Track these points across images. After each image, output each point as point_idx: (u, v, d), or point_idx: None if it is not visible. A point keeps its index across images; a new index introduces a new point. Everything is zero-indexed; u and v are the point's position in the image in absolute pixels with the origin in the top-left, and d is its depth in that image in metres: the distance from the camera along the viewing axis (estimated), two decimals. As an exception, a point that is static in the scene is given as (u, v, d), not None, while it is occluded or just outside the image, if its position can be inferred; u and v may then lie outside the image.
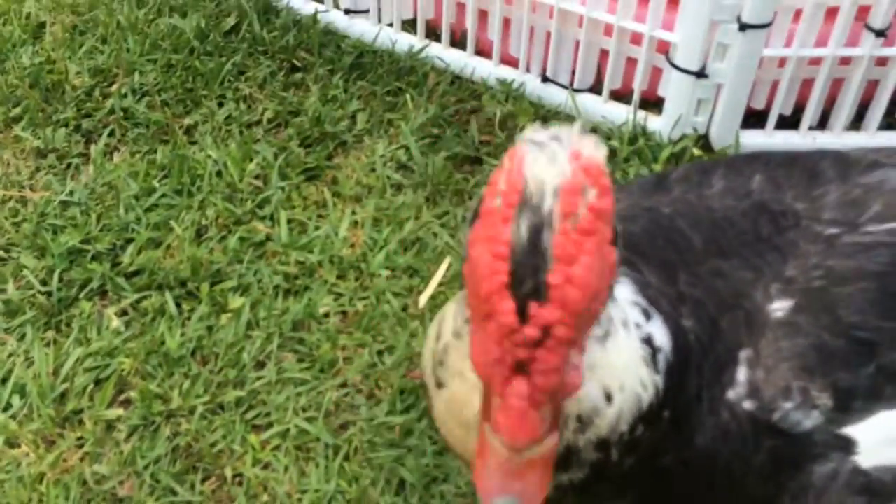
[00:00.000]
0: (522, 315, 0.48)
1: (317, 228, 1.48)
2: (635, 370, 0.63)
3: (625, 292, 0.65)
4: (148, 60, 1.84)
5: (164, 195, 1.54)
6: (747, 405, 0.69)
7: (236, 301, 1.35)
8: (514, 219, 0.49)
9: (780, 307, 0.72)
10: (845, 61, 1.50)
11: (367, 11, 1.88)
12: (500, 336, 0.49)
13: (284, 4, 1.95)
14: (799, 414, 0.69)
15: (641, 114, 1.63)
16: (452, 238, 1.45)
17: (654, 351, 0.64)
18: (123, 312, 1.36)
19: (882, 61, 1.49)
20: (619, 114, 1.64)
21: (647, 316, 0.66)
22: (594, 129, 1.63)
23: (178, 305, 1.36)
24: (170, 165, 1.59)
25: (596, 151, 0.53)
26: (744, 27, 1.42)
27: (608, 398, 0.62)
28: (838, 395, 0.70)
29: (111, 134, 1.69)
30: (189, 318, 1.34)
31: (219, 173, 1.58)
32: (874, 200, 0.79)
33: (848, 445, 0.71)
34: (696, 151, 1.57)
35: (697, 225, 0.79)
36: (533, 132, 0.54)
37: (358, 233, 1.47)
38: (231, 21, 1.93)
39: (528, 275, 0.48)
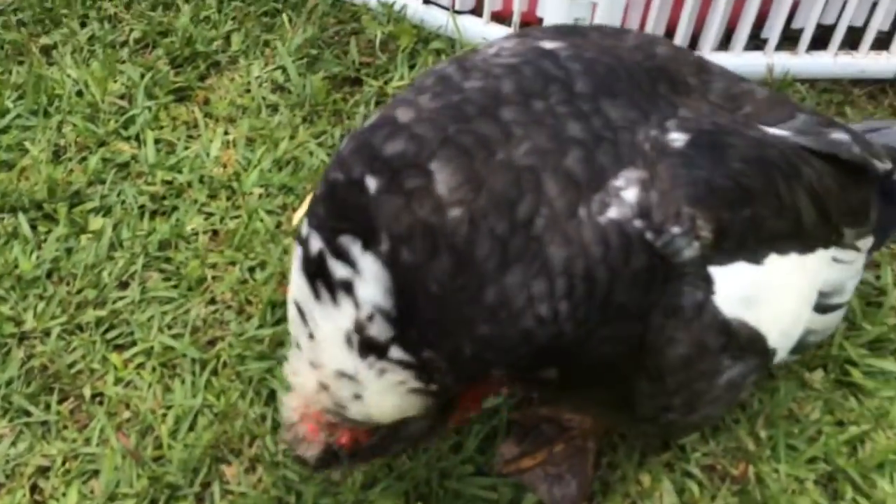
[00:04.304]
0: None
1: (186, 148, 1.42)
2: (399, 406, 0.73)
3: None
4: (1, -22, 1.71)
5: (18, 115, 1.44)
6: (637, 224, 0.70)
7: (97, 222, 1.29)
8: None
9: (678, 138, 0.75)
10: (713, -19, 1.53)
11: (241, -70, 1.79)
12: None
13: (153, -78, 1.84)
14: (683, 241, 0.71)
15: (521, 35, 1.63)
16: (329, 157, 1.42)
17: (375, 344, 0.70)
18: (-28, 236, 1.28)
19: (747, -19, 1.53)
20: (500, 35, 1.63)
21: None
22: (475, 51, 1.62)
23: (33, 228, 1.28)
24: (25, 86, 1.48)
25: None
26: (615, -58, 1.43)
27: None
28: (719, 230, 0.73)
29: (-41, 54, 1.56)
30: (45, 240, 1.27)
31: (79, 93, 1.49)
32: (746, 103, 0.85)
33: (711, 285, 0.74)
34: (574, 72, 1.58)
35: (592, 69, 0.78)
36: None
37: (230, 153, 1.42)
38: (94, -61, 1.81)
39: None
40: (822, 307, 0.90)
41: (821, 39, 1.60)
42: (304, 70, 1.57)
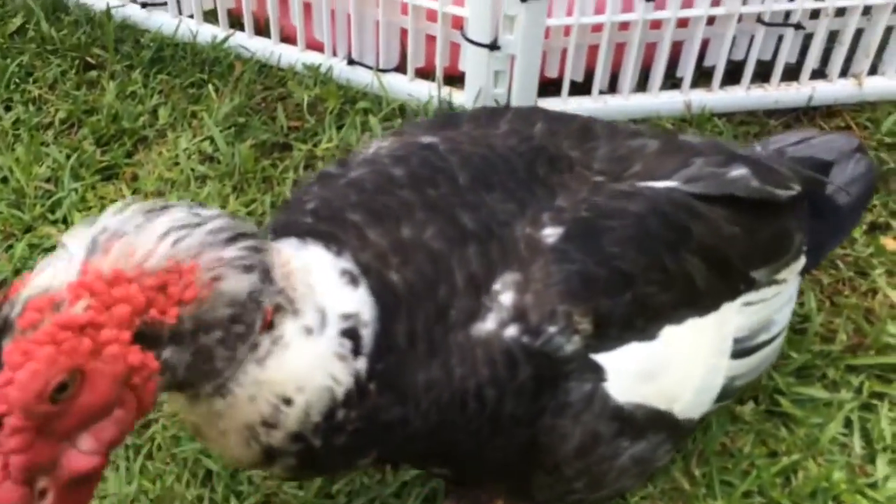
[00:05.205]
0: None
1: (115, 227, 1.42)
2: (322, 370, 0.65)
3: (328, 270, 0.68)
4: (-78, 67, 1.70)
5: (-58, 207, 1.43)
6: (511, 331, 0.71)
7: (26, 310, 1.27)
8: None
9: (551, 233, 0.76)
10: (624, 27, 1.59)
11: (165, 4, 1.82)
12: None
13: (75, 1, 1.86)
14: (562, 338, 0.72)
15: (446, 90, 1.66)
16: (260, 226, 1.43)
17: (357, 339, 0.67)
18: None
19: (657, 24, 1.59)
20: (425, 91, 1.67)
21: (355, 284, 0.68)
22: (402, 108, 1.65)
23: (-41, 321, 1.26)
24: (-52, 176, 1.48)
25: (131, 254, 0.57)
26: (524, -2, 1.47)
27: (286, 402, 0.65)
28: (598, 320, 0.74)
29: None
30: (-28, 334, 1.25)
31: (4, 180, 1.49)
32: (635, 161, 0.86)
33: (601, 371, 0.75)
34: (499, 122, 1.62)
35: (469, 162, 0.81)
36: (85, 226, 0.58)
37: (160, 228, 1.42)
38: (17, 22, 1.82)
39: None
40: (743, 351, 0.90)
41: (736, 73, 1.67)
42: (232, 139, 1.59)
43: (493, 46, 1.56)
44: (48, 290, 0.55)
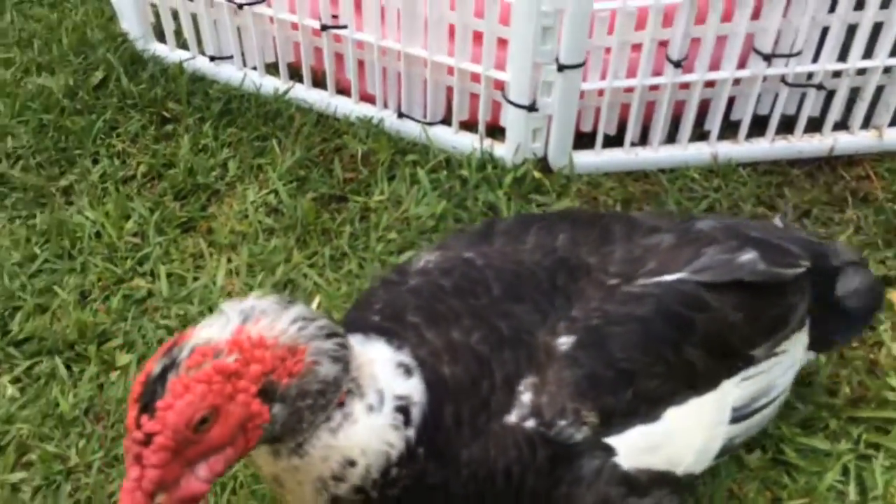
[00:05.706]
0: (139, 422, 0.72)
1: (195, 280, 1.60)
2: (380, 438, 0.82)
3: (387, 362, 0.85)
4: (19, 122, 1.90)
5: (46, 261, 1.63)
6: (529, 424, 0.88)
7: (123, 358, 1.47)
8: (158, 359, 0.73)
9: (565, 342, 0.92)
10: (654, 88, 1.71)
11: (231, 57, 1.99)
12: (128, 432, 0.72)
13: (151, 54, 2.04)
14: (572, 429, 0.89)
15: (488, 142, 1.81)
16: (321, 277, 1.60)
17: (408, 414, 0.83)
18: (17, 380, 1.46)
19: (685, 86, 1.71)
20: (468, 143, 1.81)
21: (409, 374, 0.85)
22: (448, 160, 1.80)
23: (68, 368, 1.47)
24: (49, 231, 1.68)
25: (272, 329, 0.75)
26: (562, 68, 1.60)
27: (351, 463, 0.82)
28: (603, 414, 0.90)
29: (-11, 201, 1.76)
30: (80, 379, 1.45)
31: (98, 234, 1.68)
32: (649, 259, 1.00)
33: (609, 450, 0.91)
34: (537, 174, 1.76)
35: (501, 276, 0.98)
36: (238, 302, 0.77)
37: (234, 281, 1.61)
38: (99, 76, 2.01)
39: (146, 395, 0.72)
40: (741, 417, 1.04)
41: (762, 124, 1.77)
42: (294, 191, 1.76)
43: (532, 108, 1.69)
44: (209, 342, 0.73)
